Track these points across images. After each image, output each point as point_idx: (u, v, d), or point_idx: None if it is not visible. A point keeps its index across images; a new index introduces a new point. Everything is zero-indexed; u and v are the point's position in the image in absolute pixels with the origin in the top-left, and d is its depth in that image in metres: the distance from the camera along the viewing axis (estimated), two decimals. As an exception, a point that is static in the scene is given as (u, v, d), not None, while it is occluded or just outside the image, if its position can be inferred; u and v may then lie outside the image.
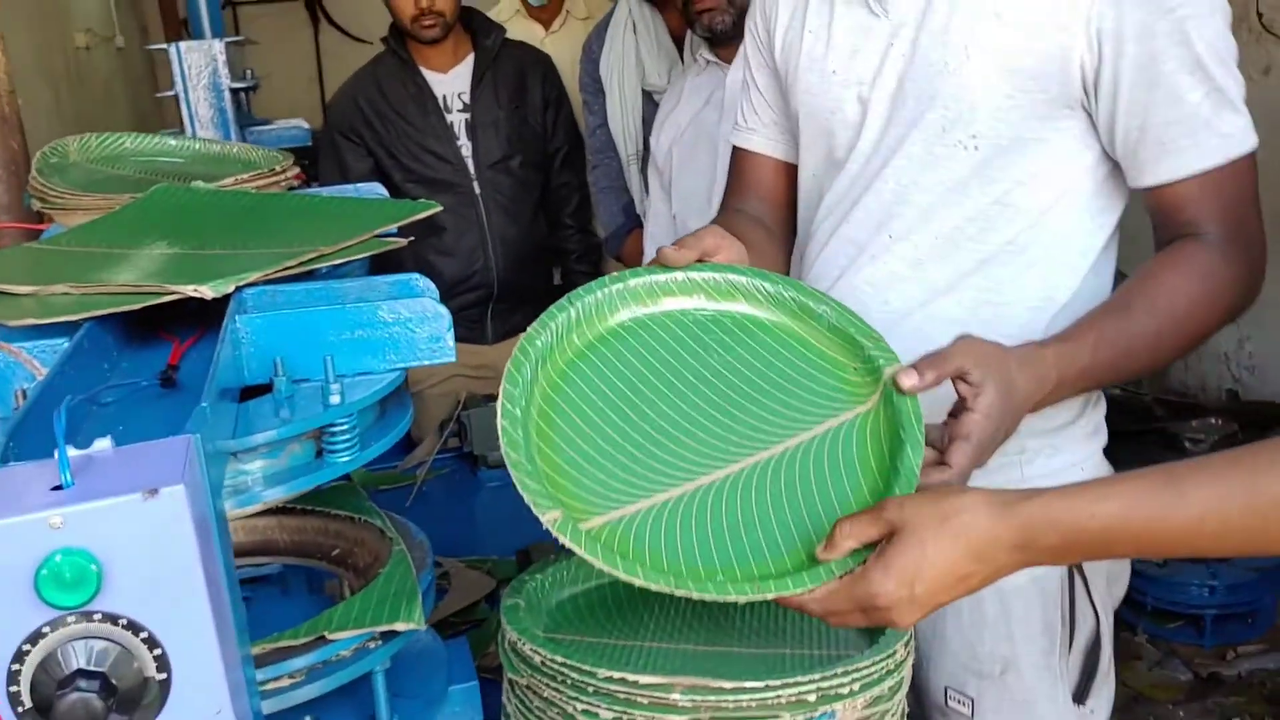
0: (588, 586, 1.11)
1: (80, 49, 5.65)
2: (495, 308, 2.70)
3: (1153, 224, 1.21)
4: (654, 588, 0.87)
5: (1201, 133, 1.11)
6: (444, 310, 1.00)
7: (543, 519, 0.90)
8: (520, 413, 0.98)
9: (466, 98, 2.68)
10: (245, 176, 1.46)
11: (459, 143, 2.67)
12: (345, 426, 0.92)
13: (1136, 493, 0.84)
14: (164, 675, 0.61)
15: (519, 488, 0.92)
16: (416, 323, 0.99)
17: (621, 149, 2.45)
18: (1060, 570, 1.28)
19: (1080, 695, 1.32)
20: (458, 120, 2.68)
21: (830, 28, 1.27)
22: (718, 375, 1.06)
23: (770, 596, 0.88)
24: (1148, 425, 3.84)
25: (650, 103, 2.41)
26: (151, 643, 0.60)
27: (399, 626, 0.96)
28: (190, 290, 1.00)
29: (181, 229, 1.27)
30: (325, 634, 0.95)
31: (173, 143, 1.69)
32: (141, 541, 0.59)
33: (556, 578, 1.10)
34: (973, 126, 1.17)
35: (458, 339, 2.90)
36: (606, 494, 0.96)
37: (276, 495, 0.91)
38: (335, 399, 0.91)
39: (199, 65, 2.43)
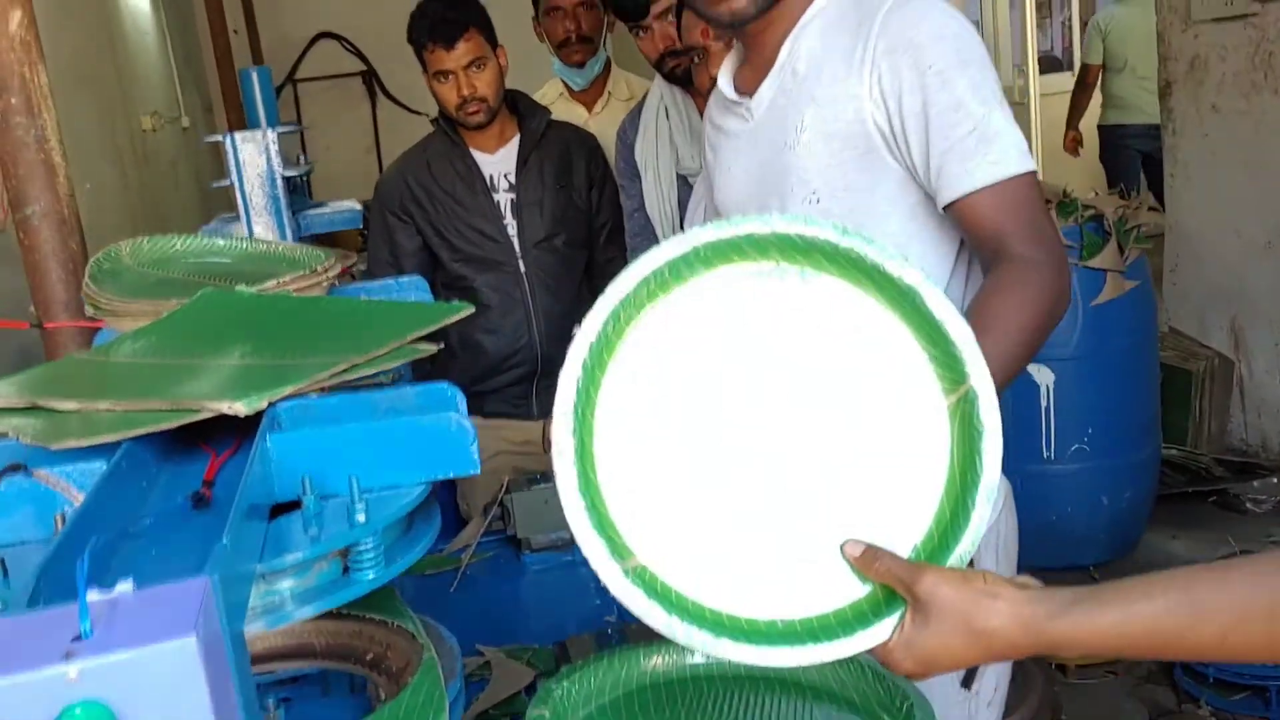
0: (615, 695, 1.12)
1: (146, 131, 5.84)
2: (540, 384, 2.74)
3: (971, 245, 1.45)
4: (715, 653, 0.90)
5: (972, 160, 1.35)
6: (468, 424, 1.02)
7: (600, 573, 0.91)
8: (572, 434, 0.95)
9: (513, 177, 2.73)
10: (287, 279, 1.50)
11: (505, 221, 2.72)
12: (371, 545, 0.94)
13: (1158, 613, 0.84)
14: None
15: (575, 535, 0.93)
16: (441, 438, 1.01)
17: (660, 231, 2.49)
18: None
19: (967, 680, 1.49)
20: (504, 199, 2.73)
21: (717, 135, 1.65)
22: (787, 356, 0.98)
23: (813, 662, 0.91)
24: (1206, 487, 3.77)
25: (685, 185, 2.44)
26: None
27: (425, 741, 0.98)
28: (225, 408, 1.03)
29: (224, 336, 1.31)
30: (353, 748, 0.97)
31: (220, 243, 1.75)
32: (156, 692, 0.61)
33: (584, 685, 1.11)
34: (811, 185, 1.46)
35: (503, 415, 2.94)
36: (660, 517, 0.95)
37: (305, 614, 0.93)
38: (361, 518, 0.94)
39: (252, 155, 2.51)
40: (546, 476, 2.17)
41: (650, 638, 1.18)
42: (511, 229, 2.71)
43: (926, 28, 1.39)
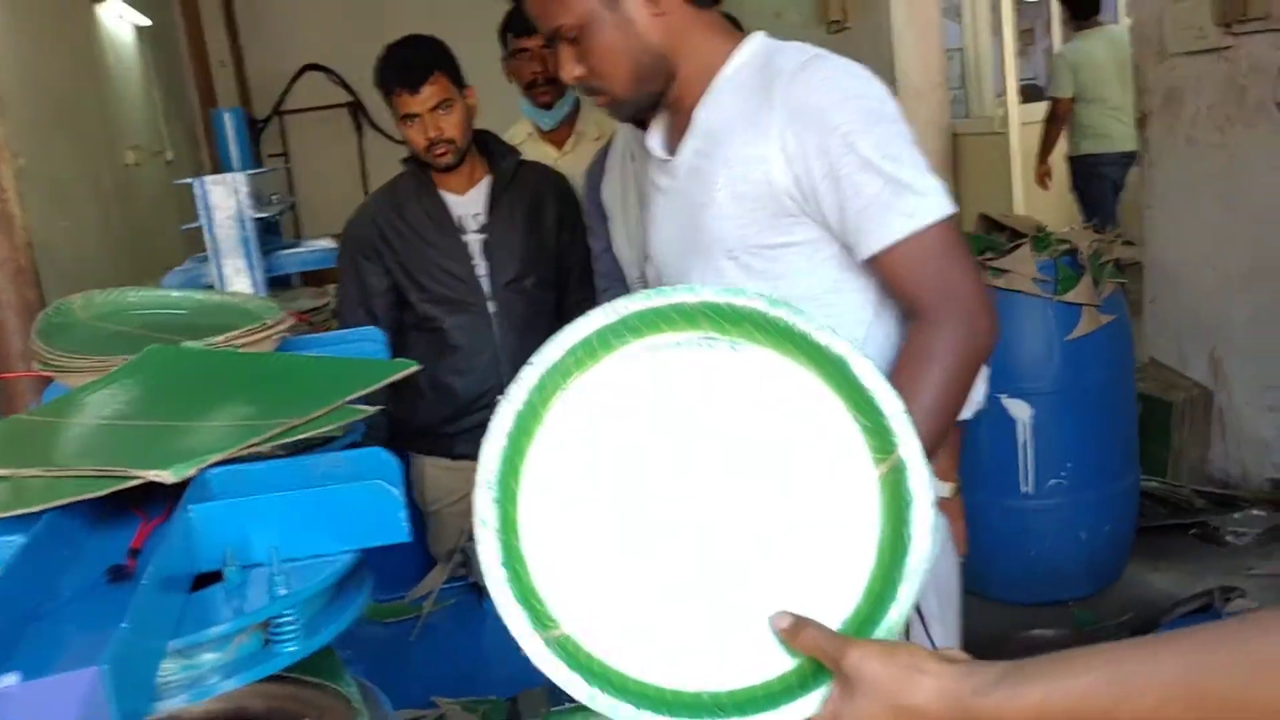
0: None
1: (129, 165, 5.84)
2: (511, 425, 2.72)
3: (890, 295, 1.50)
4: None
5: (886, 214, 1.40)
6: (396, 493, 1.01)
7: (522, 644, 0.91)
8: (495, 503, 0.94)
9: (483, 218, 2.73)
10: (235, 334, 1.49)
11: (474, 262, 2.71)
12: (290, 617, 0.93)
13: (1083, 690, 0.83)
14: None
15: (496, 604, 0.92)
16: (369, 507, 1.00)
17: (629, 273, 2.49)
18: None
19: None
20: (474, 240, 2.73)
21: (651, 188, 1.69)
22: (716, 426, 0.98)
23: None
24: (1187, 519, 3.76)
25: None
26: None
27: (349, 813, 0.97)
28: (153, 475, 1.02)
29: (167, 394, 1.30)
30: (275, 822, 0.96)
31: (175, 295, 1.74)
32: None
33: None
34: (727, 244, 1.50)
35: (472, 456, 2.91)
36: (585, 586, 0.94)
37: (226, 687, 0.92)
38: (282, 590, 0.93)
39: (222, 198, 2.51)
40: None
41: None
42: (481, 269, 2.71)
43: (830, 91, 1.43)
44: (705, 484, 0.98)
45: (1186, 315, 4.12)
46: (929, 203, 1.41)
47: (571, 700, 0.92)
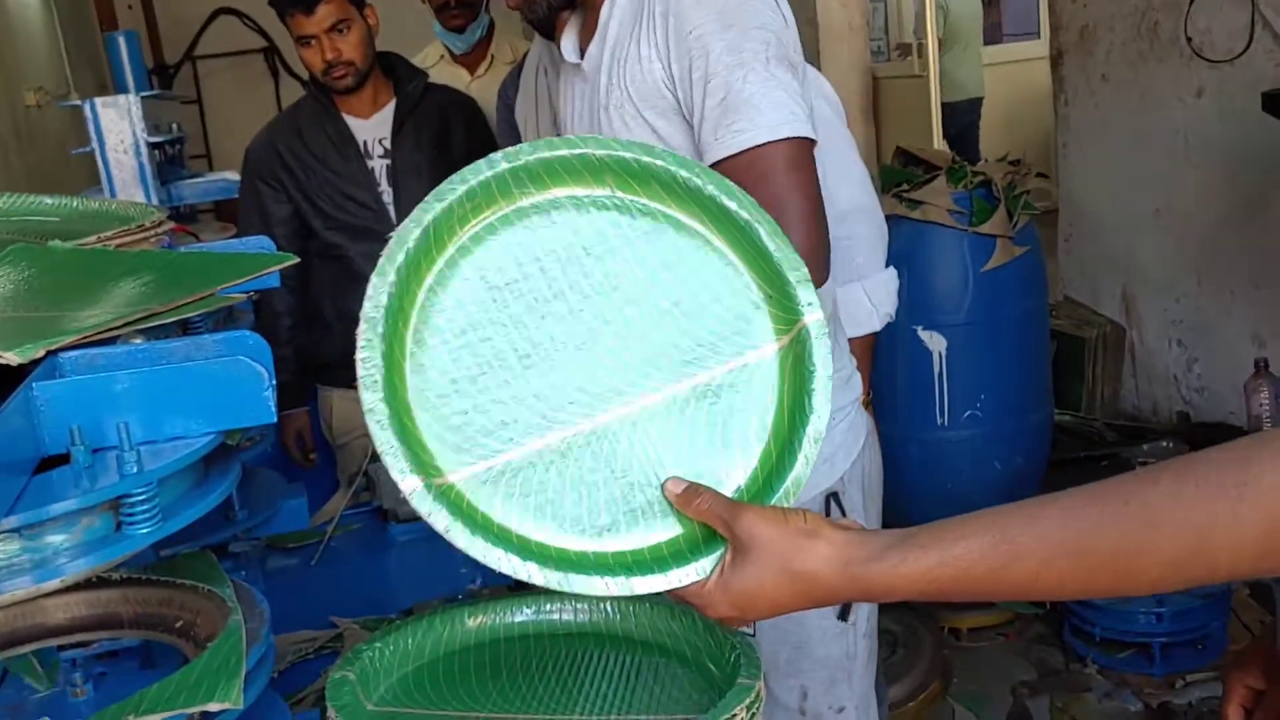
0: (434, 656, 1.06)
1: (30, 108, 5.62)
2: (421, 356, 2.66)
3: None
4: (521, 576, 0.85)
5: (719, 129, 1.34)
6: (261, 369, 0.95)
7: (400, 484, 0.86)
8: (382, 340, 0.88)
9: (388, 143, 2.65)
10: (109, 234, 1.41)
11: (380, 189, 2.63)
12: (143, 497, 0.88)
13: (972, 555, 0.81)
14: None
15: (374, 443, 0.87)
16: (230, 384, 0.94)
17: None
18: (819, 498, 1.53)
19: (843, 613, 1.57)
20: (379, 166, 2.65)
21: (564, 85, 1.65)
22: (616, 286, 0.94)
23: (623, 594, 0.88)
24: (1098, 451, 3.81)
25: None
26: None
27: (213, 707, 0.91)
28: (-5, 357, 0.95)
29: (27, 291, 1.22)
30: (132, 717, 0.90)
31: (48, 201, 1.65)
32: None
33: (399, 646, 1.05)
34: (625, 135, 1.44)
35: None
36: (475, 436, 0.90)
37: (77, 568, 0.86)
38: (133, 468, 0.87)
39: (114, 120, 2.40)
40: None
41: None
42: (387, 197, 2.63)
43: None
44: (602, 345, 0.93)
45: (1099, 253, 4.16)
46: (765, 121, 1.33)
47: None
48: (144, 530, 0.88)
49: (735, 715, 0.88)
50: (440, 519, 0.85)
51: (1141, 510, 0.76)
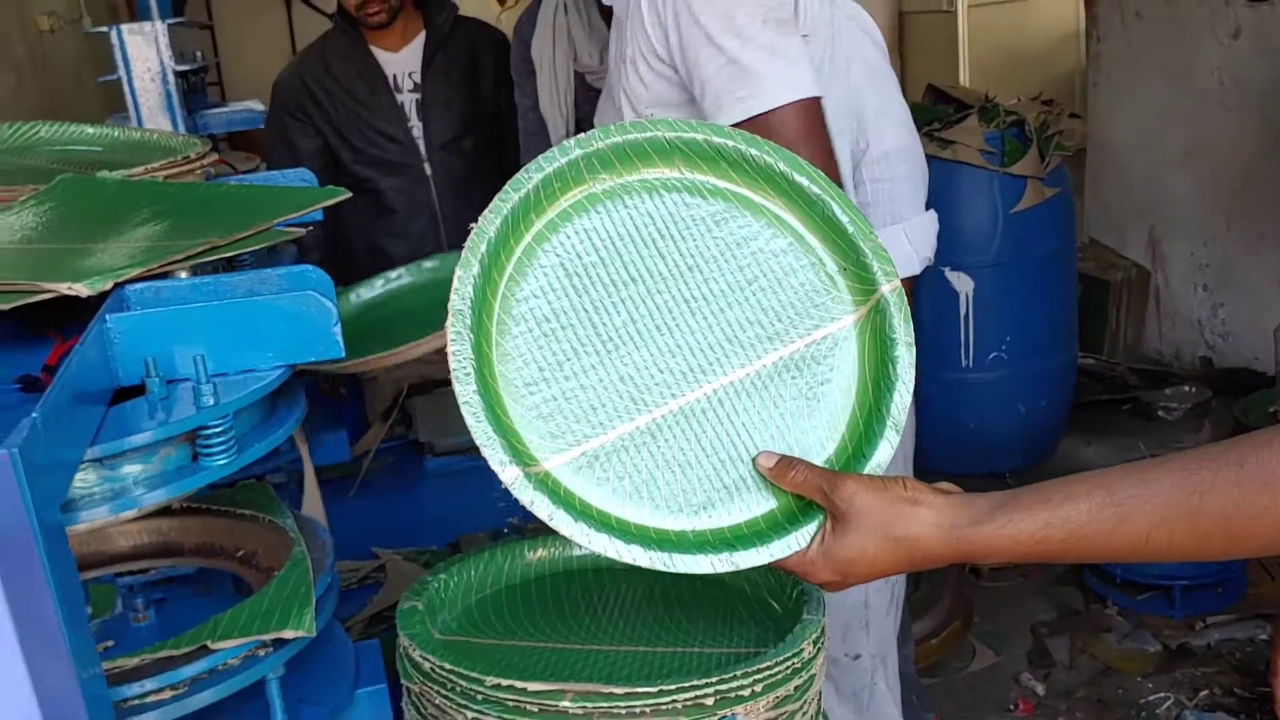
0: (497, 589, 1.07)
1: (44, 32, 5.55)
2: (450, 290, 2.66)
3: None
4: (627, 560, 0.86)
5: (723, 96, 1.32)
6: (329, 304, 0.95)
7: (500, 475, 0.86)
8: (470, 331, 0.89)
9: (418, 77, 2.62)
10: (155, 165, 1.41)
11: (410, 123, 2.61)
12: (220, 429, 0.88)
13: (1081, 517, 0.82)
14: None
15: (472, 433, 0.87)
16: (299, 319, 0.94)
17: (553, 132, 2.41)
18: None
19: None
20: (408, 100, 2.63)
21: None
22: (693, 266, 0.95)
23: (728, 569, 0.88)
24: (1121, 395, 3.82)
25: (582, 83, 2.36)
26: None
27: (287, 634, 0.93)
28: (65, 289, 0.95)
29: (82, 222, 1.22)
30: (208, 643, 0.91)
31: (90, 131, 1.64)
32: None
33: (463, 578, 1.06)
34: (644, 102, 1.45)
35: (410, 322, 2.79)
36: (566, 423, 0.90)
37: (153, 499, 0.87)
38: (209, 400, 0.87)
39: (141, 48, 2.38)
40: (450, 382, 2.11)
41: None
42: (417, 131, 2.61)
43: None
44: (683, 325, 0.94)
45: (1127, 195, 4.13)
46: (769, 86, 1.31)
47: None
48: (220, 461, 0.88)
49: (802, 650, 0.89)
50: (543, 507, 0.85)
51: (1258, 473, 0.76)
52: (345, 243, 2.68)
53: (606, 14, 2.36)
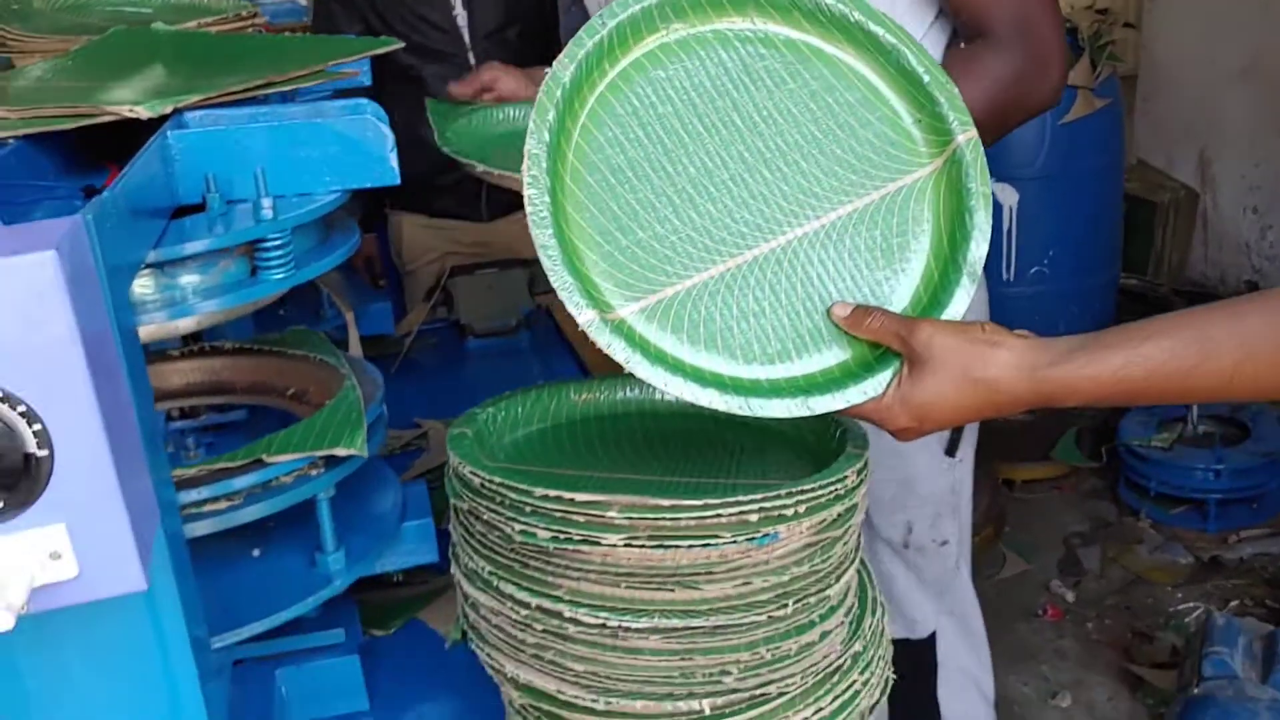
0: (543, 426, 1.09)
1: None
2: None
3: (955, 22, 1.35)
4: (703, 403, 0.86)
5: None
6: (385, 129, 0.96)
7: (578, 318, 0.86)
8: (546, 176, 0.88)
9: (463, -35, 2.59)
10: (208, 20, 1.41)
11: (455, 11, 2.59)
12: (279, 242, 0.89)
13: (1164, 354, 0.80)
14: (45, 452, 0.59)
15: (550, 277, 0.86)
16: (355, 143, 0.95)
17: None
18: None
19: (951, 449, 1.55)
20: (453, -11, 2.60)
21: None
22: (767, 118, 0.94)
23: (803, 414, 0.89)
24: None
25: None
26: (30, 417, 0.58)
27: (339, 452, 0.95)
28: (126, 111, 0.96)
29: (138, 66, 1.23)
30: (264, 457, 0.94)
31: (141, -8, 1.64)
32: (15, 311, 0.57)
33: (510, 413, 1.08)
34: None
35: (452, 215, 2.84)
36: (640, 272, 0.90)
37: (209, 308, 0.89)
38: (268, 212, 0.88)
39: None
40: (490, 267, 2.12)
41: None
42: (461, 19, 2.59)
43: None
44: (757, 176, 0.93)
45: (1179, 115, 4.05)
46: None
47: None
48: (278, 275, 0.90)
49: (846, 478, 0.90)
50: (620, 350, 0.86)
51: None
52: (396, 128, 2.67)
53: None
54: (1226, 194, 3.95)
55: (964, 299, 0.92)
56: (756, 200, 0.93)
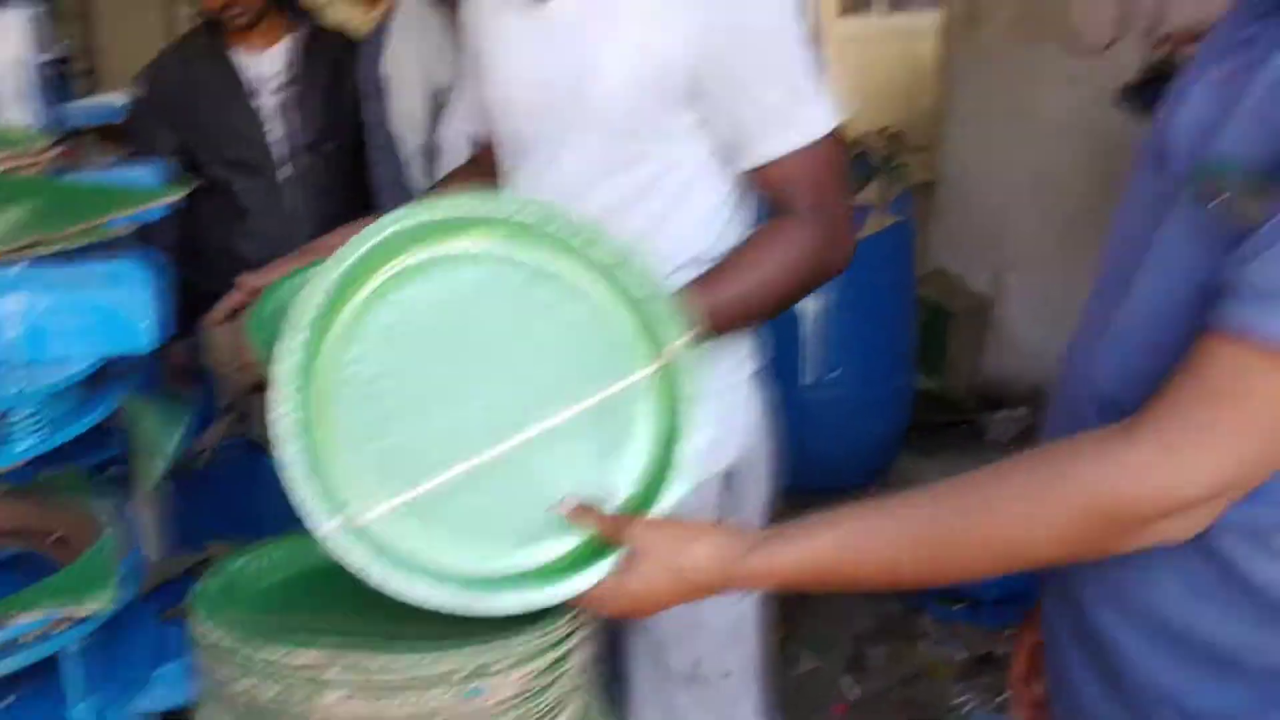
0: (302, 569, 1.15)
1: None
2: (305, 293, 2.70)
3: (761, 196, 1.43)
4: (432, 604, 0.97)
5: (782, 126, 1.34)
6: (145, 301, 1.03)
7: (317, 531, 0.97)
8: (297, 392, 0.99)
9: (278, 81, 2.66)
10: (-3, 157, 1.44)
11: (266, 127, 2.65)
12: (26, 414, 0.95)
13: (830, 549, 0.94)
14: None
15: (291, 492, 0.98)
16: (113, 314, 1.01)
17: (402, 149, 2.47)
18: (714, 479, 1.50)
19: None
20: (269, 103, 2.67)
21: (496, 23, 1.49)
22: (502, 331, 1.07)
23: (519, 608, 0.99)
24: (957, 417, 4.03)
25: (435, 102, 2.42)
26: None
27: (83, 611, 0.99)
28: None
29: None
30: (17, 613, 0.98)
31: (-73, 121, 1.66)
32: None
33: (270, 559, 1.14)
34: (611, 124, 1.37)
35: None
36: (385, 477, 1.01)
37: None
38: (13, 389, 0.93)
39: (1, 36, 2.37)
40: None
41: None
42: (276, 133, 2.65)
43: None
44: (496, 383, 1.05)
45: (974, 227, 4.36)
46: (824, 113, 1.36)
47: None
48: (22, 445, 0.95)
49: (555, 630, 1.00)
50: (358, 556, 0.96)
51: (969, 501, 0.89)
52: (200, 243, 2.70)
53: None
54: (1017, 304, 4.26)
55: (675, 495, 1.06)
56: (491, 406, 1.04)
